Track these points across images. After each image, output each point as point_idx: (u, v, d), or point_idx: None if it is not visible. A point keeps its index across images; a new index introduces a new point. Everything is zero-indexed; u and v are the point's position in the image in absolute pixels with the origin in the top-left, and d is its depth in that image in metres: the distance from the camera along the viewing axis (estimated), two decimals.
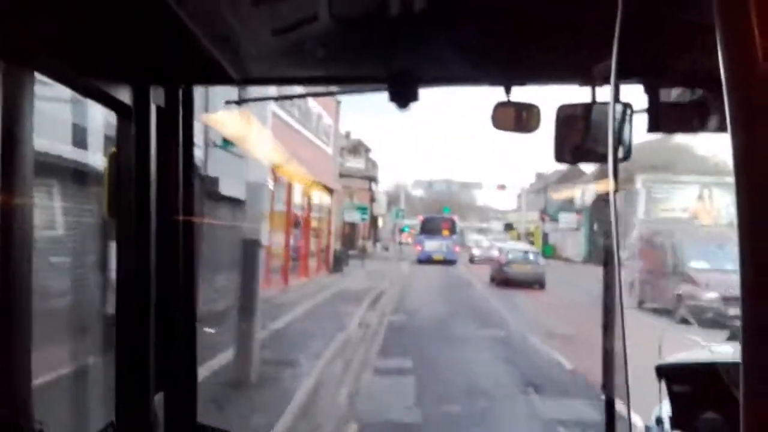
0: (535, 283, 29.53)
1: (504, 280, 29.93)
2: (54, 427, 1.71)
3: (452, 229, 43.40)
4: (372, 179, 54.05)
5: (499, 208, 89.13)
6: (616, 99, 2.32)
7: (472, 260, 49.04)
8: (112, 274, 2.33)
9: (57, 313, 6.80)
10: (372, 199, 53.40)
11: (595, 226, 40.84)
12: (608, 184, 2.08)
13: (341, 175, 39.96)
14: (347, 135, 49.63)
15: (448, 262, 40.35)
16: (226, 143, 14.40)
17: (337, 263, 33.94)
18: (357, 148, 52.92)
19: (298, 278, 26.33)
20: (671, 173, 40.66)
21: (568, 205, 54.06)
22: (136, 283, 2.27)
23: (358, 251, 40.52)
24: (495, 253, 45.04)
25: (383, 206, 63.04)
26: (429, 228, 42.82)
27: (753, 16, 0.74)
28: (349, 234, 44.62)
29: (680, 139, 32.99)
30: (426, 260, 39.91)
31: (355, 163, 50.97)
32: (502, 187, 65.03)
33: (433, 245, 41.88)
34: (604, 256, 3.45)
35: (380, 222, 64.18)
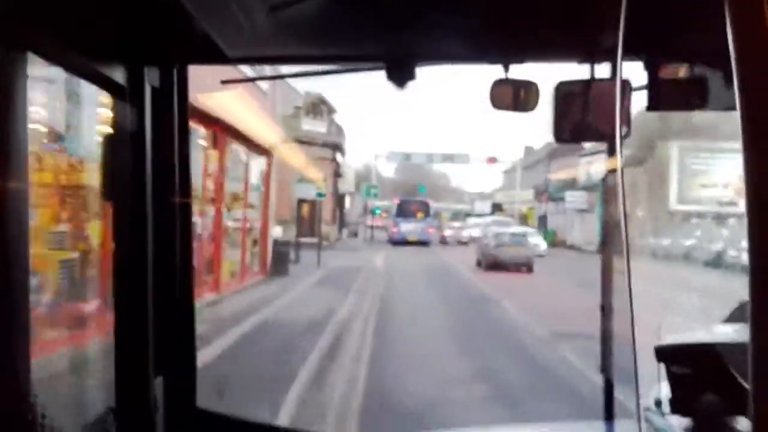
0: (524, 266, 29.06)
1: (493, 263, 28.88)
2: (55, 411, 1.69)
3: (427, 212, 44.48)
4: (337, 147, 42.58)
5: (473, 189, 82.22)
6: (614, 76, 2.30)
7: (444, 241, 48.35)
8: None
9: None
10: (337, 174, 43.22)
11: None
12: (629, 156, 2.05)
13: (298, 141, 31.84)
14: (306, 94, 39.72)
15: (423, 243, 41.28)
16: None
17: (279, 262, 22.14)
18: (317, 108, 40.99)
19: (197, 294, 8.76)
20: (712, 139, 32.50)
21: (571, 182, 44.99)
22: (132, 266, 2.26)
23: (318, 240, 29.60)
24: (466, 234, 49.03)
25: (351, 183, 52.27)
26: (404, 210, 43.60)
27: None
28: (306, 217, 35.89)
29: None
30: (401, 241, 40.52)
31: (315, 126, 39.24)
32: (492, 160, 56.68)
33: (408, 227, 42.71)
34: (601, 236, 3.44)
35: (347, 202, 53.54)
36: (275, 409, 7.67)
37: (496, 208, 63.07)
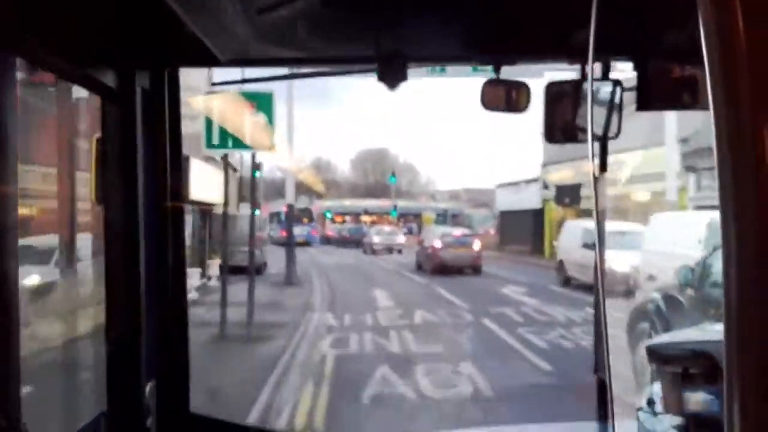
0: (470, 268, 27.96)
1: (440, 265, 27.61)
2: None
3: (311, 218, 51.99)
4: None
5: (448, 185, 69.28)
6: (606, 76, 2.31)
7: (372, 250, 41.71)
8: None
9: None
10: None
11: None
12: None
13: None
14: None
15: (308, 243, 46.07)
16: None
17: None
18: None
19: None
20: None
21: None
22: (125, 270, 2.25)
23: None
24: (400, 240, 42.36)
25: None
26: (294, 216, 49.18)
27: None
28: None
29: None
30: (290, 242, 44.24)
31: None
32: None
33: (296, 230, 48.02)
34: (597, 244, 3.45)
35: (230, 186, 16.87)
36: None
37: (567, 195, 30.92)
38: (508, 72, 2.39)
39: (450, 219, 57.31)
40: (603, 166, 2.51)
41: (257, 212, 19.50)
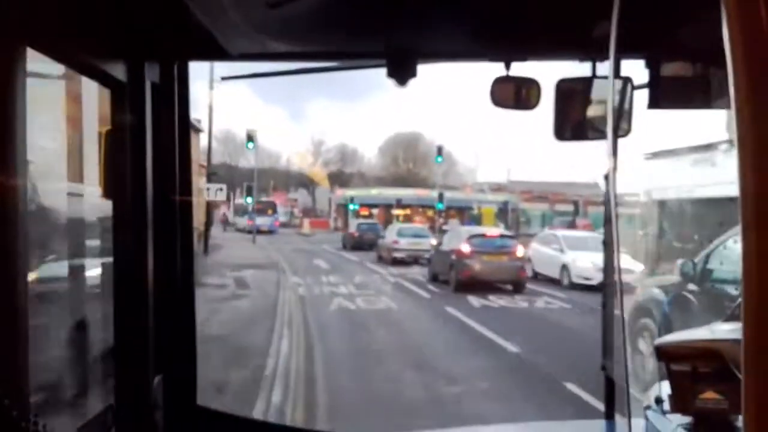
0: (511, 282, 20.50)
1: (468, 278, 20.04)
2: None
3: (274, 210, 57.64)
4: None
5: (485, 176, 54.12)
6: (617, 74, 2.30)
7: (392, 258, 28.90)
8: None
9: None
10: None
11: None
12: None
13: None
14: None
15: (271, 231, 51.81)
16: None
17: None
18: None
19: None
20: None
21: None
22: (133, 263, 2.25)
23: None
24: (430, 245, 27.05)
25: None
26: (259, 209, 53.38)
27: None
28: None
29: None
30: (255, 230, 46.26)
31: None
32: None
33: (260, 221, 51.07)
34: (605, 235, 3.44)
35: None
36: None
37: None
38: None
39: (510, 214, 47.42)
40: (615, 163, 2.49)
41: (249, 200, 14.78)
